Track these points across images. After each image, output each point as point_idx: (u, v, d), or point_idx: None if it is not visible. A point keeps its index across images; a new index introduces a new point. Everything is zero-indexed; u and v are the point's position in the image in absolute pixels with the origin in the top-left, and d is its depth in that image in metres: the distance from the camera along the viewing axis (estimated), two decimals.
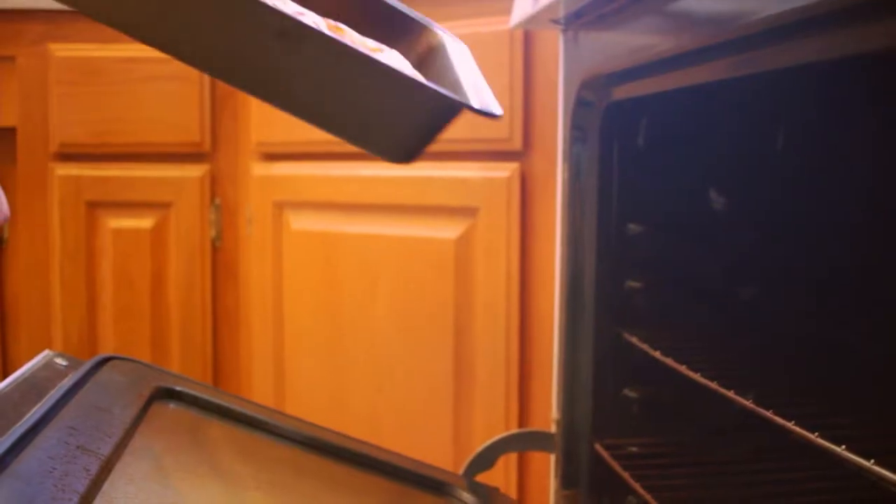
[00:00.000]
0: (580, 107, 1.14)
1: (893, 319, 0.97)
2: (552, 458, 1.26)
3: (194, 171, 2.01)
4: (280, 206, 1.90)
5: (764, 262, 1.18)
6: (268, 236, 1.92)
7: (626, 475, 1.07)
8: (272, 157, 1.94)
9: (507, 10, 1.29)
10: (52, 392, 0.84)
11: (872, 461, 0.70)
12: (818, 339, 1.10)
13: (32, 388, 0.86)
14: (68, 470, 0.70)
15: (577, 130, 1.16)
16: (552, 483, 1.26)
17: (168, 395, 1.00)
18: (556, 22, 1.16)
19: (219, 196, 2.02)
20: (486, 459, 1.23)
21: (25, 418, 0.77)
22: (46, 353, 0.97)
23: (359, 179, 1.78)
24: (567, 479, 1.22)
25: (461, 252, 1.63)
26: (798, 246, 1.18)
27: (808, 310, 1.13)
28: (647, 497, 1.01)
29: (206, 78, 1.98)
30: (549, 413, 1.27)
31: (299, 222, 1.88)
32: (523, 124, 1.57)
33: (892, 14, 0.55)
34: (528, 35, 1.56)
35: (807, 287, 1.15)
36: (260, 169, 1.95)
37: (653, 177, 1.17)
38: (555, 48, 1.22)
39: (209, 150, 2.01)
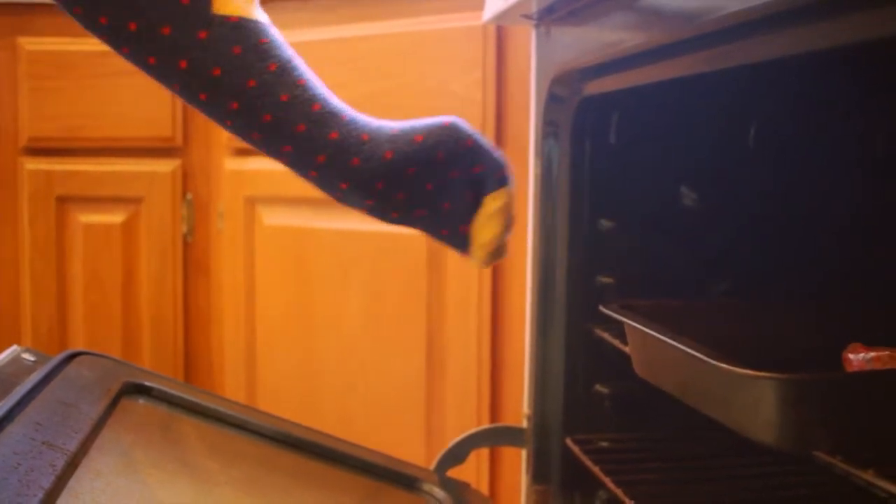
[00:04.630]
0: (552, 102, 1.14)
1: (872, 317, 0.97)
2: (523, 453, 1.26)
3: (166, 166, 2.00)
4: (252, 202, 1.90)
5: (736, 259, 1.19)
6: (239, 232, 1.92)
7: (596, 470, 1.07)
8: (244, 151, 1.93)
9: (480, 6, 1.29)
10: (19, 387, 0.83)
11: (839, 458, 0.70)
12: None
13: None
14: (33, 466, 0.69)
15: (549, 126, 1.16)
16: (523, 478, 1.26)
17: (137, 390, 0.99)
18: (528, 17, 1.16)
19: (190, 191, 2.01)
20: (457, 455, 1.23)
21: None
22: (14, 348, 0.97)
23: None
24: (538, 474, 1.22)
25: (433, 247, 1.63)
26: (771, 242, 1.18)
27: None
28: (617, 491, 1.01)
29: None
30: (520, 409, 1.27)
31: (271, 218, 1.87)
32: (496, 120, 1.56)
33: (863, 8, 0.55)
34: (500, 30, 1.55)
35: (780, 284, 1.16)
36: (232, 164, 1.94)
37: (625, 172, 1.17)
38: (527, 43, 1.22)
39: (181, 144, 2.00)
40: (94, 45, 1.97)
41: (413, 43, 1.65)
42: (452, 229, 0.88)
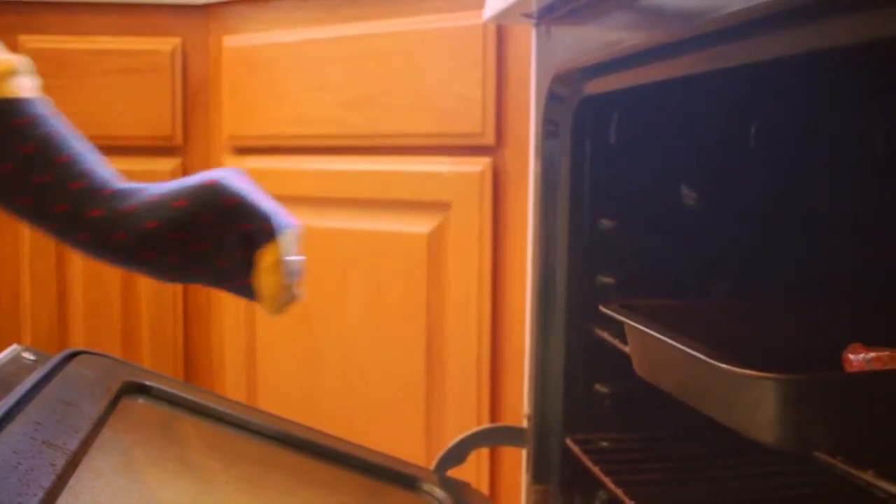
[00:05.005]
0: (552, 101, 1.14)
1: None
2: (523, 453, 1.26)
3: (166, 165, 2.00)
4: None
5: (737, 259, 1.19)
6: None
7: (596, 469, 1.07)
8: (244, 150, 1.93)
9: (480, 5, 1.29)
10: (19, 386, 0.83)
11: (839, 458, 0.70)
12: None
13: None
14: (34, 465, 0.69)
15: (549, 125, 1.16)
16: (524, 478, 1.26)
17: (137, 389, 0.99)
18: (528, 16, 1.16)
19: None
20: (457, 455, 1.23)
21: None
22: (14, 347, 0.96)
23: (330, 173, 1.78)
24: (538, 473, 1.22)
25: (433, 247, 1.63)
26: (771, 242, 1.18)
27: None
28: (617, 491, 1.01)
29: (178, 70, 1.97)
30: (520, 408, 1.27)
31: None
32: (496, 119, 1.56)
33: (862, 8, 0.55)
34: (500, 29, 1.55)
35: (781, 284, 1.16)
36: (232, 162, 1.93)
37: (625, 172, 1.17)
38: (527, 42, 1.22)
39: (181, 143, 2.00)
40: (94, 43, 1.98)
41: (413, 42, 1.65)
42: (234, 283, 0.89)
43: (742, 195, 1.19)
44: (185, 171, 2.00)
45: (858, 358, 0.82)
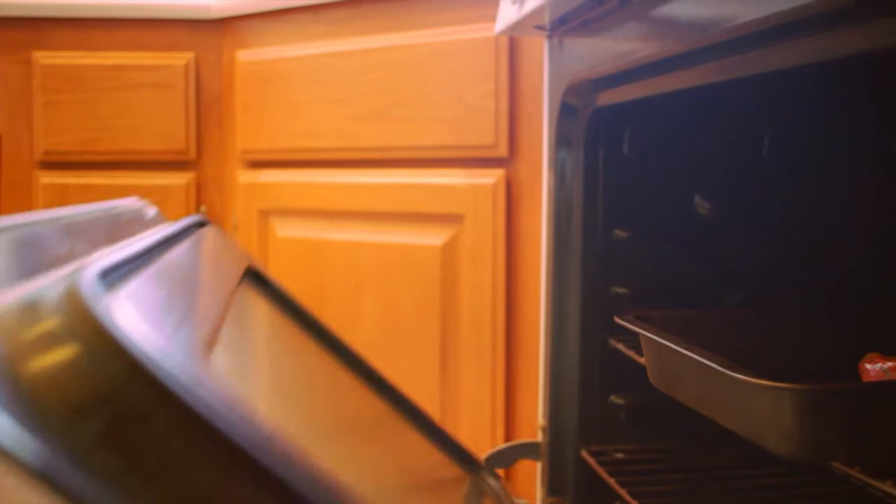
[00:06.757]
0: (565, 113, 1.14)
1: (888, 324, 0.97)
2: (539, 465, 1.26)
3: (180, 179, 2.01)
4: (265, 214, 1.90)
5: (751, 268, 1.18)
6: (253, 244, 1.92)
7: (612, 481, 1.07)
8: (257, 164, 1.94)
9: (493, 17, 1.29)
10: (162, 225, 0.78)
11: (856, 468, 0.70)
12: None
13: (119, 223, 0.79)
14: None
15: (562, 136, 1.16)
16: (539, 490, 1.26)
17: (256, 278, 0.94)
18: (540, 28, 1.16)
19: (204, 204, 2.02)
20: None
21: (154, 229, 0.72)
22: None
23: (344, 186, 1.78)
24: (554, 486, 1.22)
25: (447, 259, 1.63)
26: (786, 251, 1.18)
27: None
28: (633, 503, 1.01)
29: (192, 86, 1.98)
30: (535, 420, 1.27)
31: (285, 230, 1.87)
32: (509, 131, 1.57)
33: (872, 17, 0.55)
34: (513, 41, 1.56)
35: (794, 293, 1.16)
36: (245, 176, 1.94)
37: (638, 182, 1.17)
38: (540, 54, 1.22)
39: (194, 157, 2.01)
40: (107, 59, 1.98)
41: (426, 54, 1.66)
42: None
43: (755, 204, 1.19)
44: (199, 186, 2.01)
45: (875, 368, 0.81)
